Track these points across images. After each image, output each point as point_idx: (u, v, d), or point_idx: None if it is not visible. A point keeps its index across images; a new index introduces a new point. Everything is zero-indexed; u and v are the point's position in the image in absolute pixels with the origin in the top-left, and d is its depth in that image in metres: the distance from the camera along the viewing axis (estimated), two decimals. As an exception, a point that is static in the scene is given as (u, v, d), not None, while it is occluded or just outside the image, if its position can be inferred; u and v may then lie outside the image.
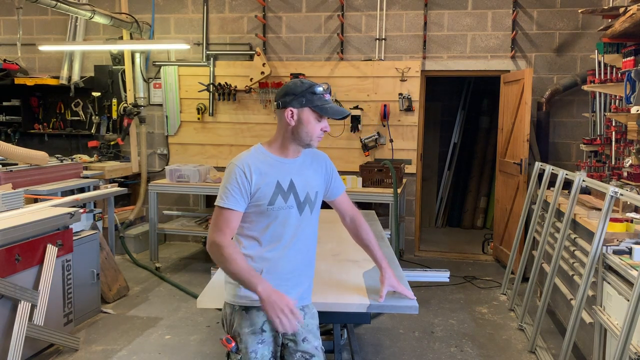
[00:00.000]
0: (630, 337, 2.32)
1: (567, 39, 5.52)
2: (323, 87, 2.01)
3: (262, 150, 2.04)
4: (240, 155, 2.02)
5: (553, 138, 5.61)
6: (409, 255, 5.91)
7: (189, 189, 5.35)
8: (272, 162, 2.01)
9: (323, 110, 1.97)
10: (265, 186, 1.97)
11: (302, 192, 2.04)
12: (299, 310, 1.93)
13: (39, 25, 6.52)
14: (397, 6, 5.76)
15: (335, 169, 2.24)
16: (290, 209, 2.01)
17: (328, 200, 2.24)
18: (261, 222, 2.00)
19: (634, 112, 3.36)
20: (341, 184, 2.26)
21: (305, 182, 2.06)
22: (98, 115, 6.32)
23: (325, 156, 2.22)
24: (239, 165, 1.96)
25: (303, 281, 2.08)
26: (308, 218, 2.07)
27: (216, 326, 3.89)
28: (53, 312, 3.37)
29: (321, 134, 2.03)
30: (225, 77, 6.05)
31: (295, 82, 2.02)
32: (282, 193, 1.99)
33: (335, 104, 2.06)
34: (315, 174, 2.12)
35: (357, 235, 2.28)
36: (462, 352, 3.54)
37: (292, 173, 2.03)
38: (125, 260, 5.48)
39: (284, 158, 2.04)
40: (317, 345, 2.04)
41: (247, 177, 1.94)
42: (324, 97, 1.98)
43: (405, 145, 5.77)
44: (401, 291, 2.23)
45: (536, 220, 4.22)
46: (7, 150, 4.22)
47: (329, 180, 2.18)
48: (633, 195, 2.75)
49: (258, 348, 1.96)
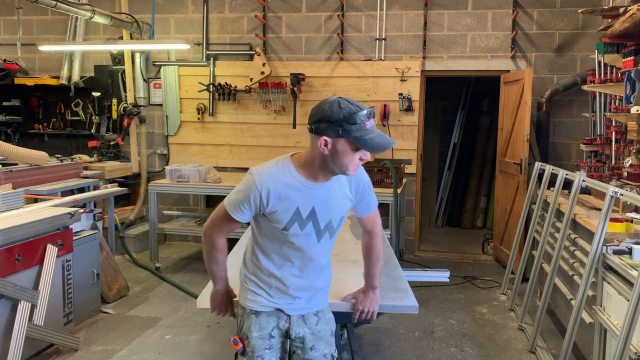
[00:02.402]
0: (630, 337, 2.32)
1: (567, 39, 5.52)
2: (365, 114, 1.70)
3: (290, 168, 1.83)
4: (264, 169, 1.83)
5: (553, 138, 5.61)
6: (409, 255, 5.91)
7: (189, 189, 5.35)
8: (297, 185, 1.82)
9: (362, 143, 1.70)
10: (283, 211, 1.82)
11: (324, 219, 1.89)
12: (312, 314, 1.99)
13: (39, 25, 6.52)
14: (397, 6, 5.76)
15: (370, 189, 1.99)
16: (307, 237, 1.88)
17: (355, 215, 2.08)
18: (274, 242, 1.90)
19: (634, 112, 3.36)
20: (372, 204, 2.04)
21: (330, 209, 1.89)
22: (98, 115, 6.32)
23: (361, 175, 1.95)
24: (257, 185, 1.79)
25: (315, 292, 2.01)
26: (327, 242, 1.95)
27: (216, 326, 3.89)
28: (53, 312, 3.37)
29: (359, 163, 1.79)
30: (225, 77, 6.05)
31: (332, 106, 1.72)
32: (300, 221, 1.85)
33: (378, 133, 1.74)
34: (344, 199, 1.92)
35: (366, 251, 2.13)
36: (462, 352, 3.54)
37: (315, 200, 1.85)
38: (125, 260, 5.48)
39: (312, 182, 1.83)
40: (326, 353, 1.99)
41: (264, 200, 1.80)
42: (364, 126, 1.69)
43: (405, 145, 5.77)
44: (367, 314, 2.13)
45: (536, 220, 4.22)
46: (7, 150, 4.22)
47: (358, 201, 1.98)
48: (633, 195, 2.75)
49: (265, 353, 1.93)
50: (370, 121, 1.72)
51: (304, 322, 2.00)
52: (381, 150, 1.73)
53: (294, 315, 1.98)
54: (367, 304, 2.13)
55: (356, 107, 1.72)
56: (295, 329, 1.98)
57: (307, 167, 1.83)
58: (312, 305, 2.01)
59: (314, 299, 2.01)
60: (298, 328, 1.98)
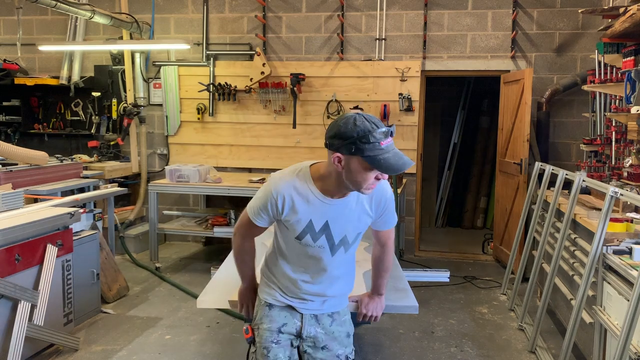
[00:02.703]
0: (630, 337, 2.32)
1: (567, 39, 5.52)
2: (381, 132, 1.63)
3: (307, 178, 1.82)
4: (282, 176, 1.84)
5: (553, 138, 5.61)
6: (409, 255, 5.91)
7: (189, 189, 5.35)
8: (312, 198, 1.81)
9: (375, 163, 1.64)
10: (296, 222, 1.83)
11: (338, 235, 1.87)
12: (326, 315, 2.02)
13: (39, 25, 6.52)
14: (397, 6, 5.76)
15: (391, 206, 1.94)
16: (320, 248, 1.88)
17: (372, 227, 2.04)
18: (290, 247, 1.92)
19: (634, 112, 3.36)
20: (391, 220, 1.99)
21: (345, 225, 1.87)
22: (98, 115, 6.31)
23: (382, 193, 1.90)
24: (273, 192, 1.81)
25: (332, 296, 2.02)
26: (341, 256, 1.94)
27: (216, 326, 3.89)
28: (53, 312, 3.36)
29: (374, 183, 1.73)
30: (225, 77, 6.05)
31: (347, 122, 1.66)
32: (312, 233, 1.85)
33: (395, 153, 1.66)
34: (361, 214, 1.88)
35: (377, 262, 2.12)
36: (462, 352, 3.54)
37: (330, 215, 1.83)
38: (125, 260, 5.48)
39: (327, 197, 1.81)
40: (339, 354, 1.99)
41: (279, 207, 1.82)
42: (379, 145, 1.63)
43: (405, 145, 5.77)
44: (370, 317, 2.16)
45: (536, 220, 4.22)
46: (7, 150, 4.22)
47: (378, 216, 1.94)
48: (633, 195, 2.75)
49: (272, 347, 1.95)
50: (387, 140, 1.65)
51: (317, 322, 2.01)
52: (396, 172, 1.66)
53: (307, 314, 2.00)
54: (372, 308, 2.15)
55: (372, 124, 1.64)
56: (307, 328, 1.99)
57: (324, 181, 1.80)
58: (326, 308, 2.02)
59: (328, 303, 2.03)
60: (310, 327, 2.00)
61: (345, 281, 2.06)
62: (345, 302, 2.11)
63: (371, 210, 1.90)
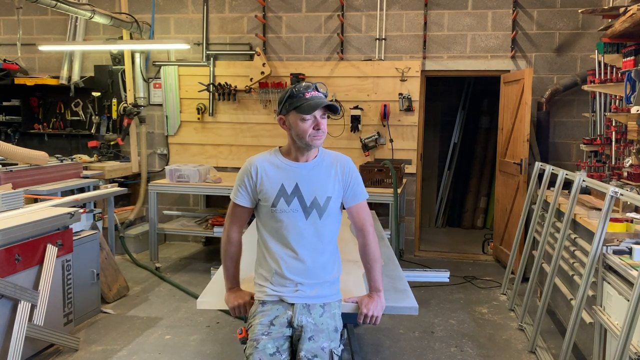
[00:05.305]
0: (630, 337, 2.32)
1: (567, 39, 5.52)
2: (304, 87, 2.00)
3: (276, 153, 2.15)
4: (255, 155, 2.17)
5: (553, 138, 5.61)
6: (409, 255, 5.91)
7: (189, 189, 5.35)
8: (281, 165, 2.11)
9: (300, 109, 1.98)
10: (270, 187, 2.07)
11: (309, 196, 2.07)
12: (318, 305, 2.07)
13: (39, 25, 6.52)
14: (397, 6, 5.76)
15: (356, 175, 2.17)
16: (294, 212, 2.06)
17: (345, 207, 2.19)
18: (271, 225, 2.10)
19: (634, 112, 3.35)
20: (359, 194, 2.17)
21: (314, 187, 2.08)
22: (98, 115, 6.32)
23: (346, 161, 2.17)
24: (248, 165, 2.12)
25: (320, 282, 2.09)
26: (317, 222, 2.08)
27: (216, 326, 3.89)
28: (53, 312, 3.36)
29: (316, 133, 2.02)
30: (225, 77, 6.05)
31: (283, 91, 2.08)
32: (285, 196, 2.06)
33: (317, 99, 2.00)
34: (328, 179, 2.11)
35: (362, 253, 2.19)
36: (462, 352, 3.54)
37: (298, 177, 2.08)
38: (125, 260, 5.48)
39: (294, 162, 2.11)
40: (324, 347, 1.98)
41: (253, 176, 2.09)
42: (303, 96, 1.99)
43: (405, 145, 5.77)
44: (372, 319, 2.16)
45: (536, 220, 4.22)
46: (7, 150, 4.22)
47: (346, 186, 2.14)
48: (633, 195, 2.75)
49: (262, 338, 1.98)
50: (311, 92, 2.00)
51: (308, 311, 2.05)
52: (313, 109, 1.96)
53: (298, 303, 2.05)
54: (372, 308, 2.15)
55: (300, 84, 2.02)
56: (298, 317, 2.03)
57: (287, 150, 2.14)
58: (318, 296, 2.07)
59: (320, 290, 2.08)
60: (301, 316, 2.04)
61: (330, 263, 2.14)
62: (336, 294, 2.15)
63: (337, 174, 2.12)
